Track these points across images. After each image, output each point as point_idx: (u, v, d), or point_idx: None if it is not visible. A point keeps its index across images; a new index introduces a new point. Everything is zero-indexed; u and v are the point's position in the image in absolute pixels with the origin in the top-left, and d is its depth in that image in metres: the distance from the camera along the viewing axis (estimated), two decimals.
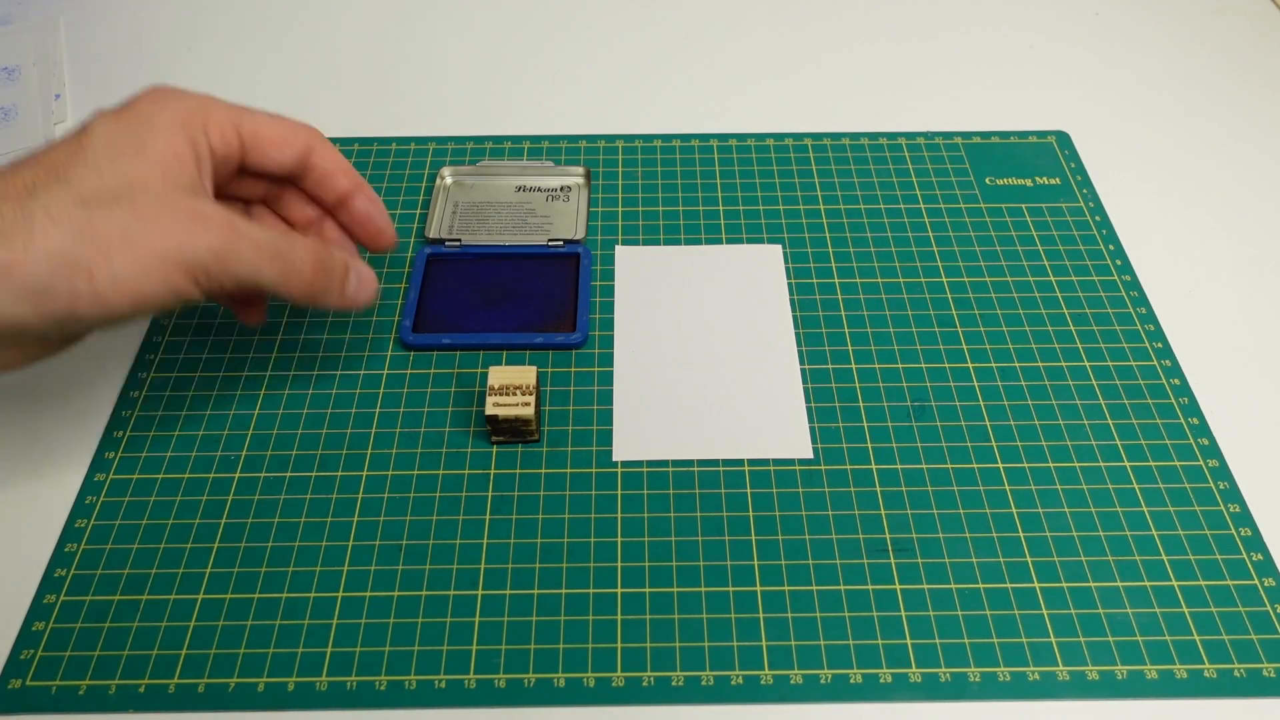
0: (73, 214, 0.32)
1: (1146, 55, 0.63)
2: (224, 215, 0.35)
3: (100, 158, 0.33)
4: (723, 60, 0.63)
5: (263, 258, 0.36)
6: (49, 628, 0.37)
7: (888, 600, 0.38)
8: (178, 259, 0.33)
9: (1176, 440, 0.43)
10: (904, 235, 0.51)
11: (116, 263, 0.33)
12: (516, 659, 0.36)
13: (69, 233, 0.32)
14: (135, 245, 0.33)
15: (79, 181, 0.33)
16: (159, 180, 0.34)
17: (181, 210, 0.34)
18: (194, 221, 0.34)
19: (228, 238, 0.35)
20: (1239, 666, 0.36)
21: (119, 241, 0.33)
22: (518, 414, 0.41)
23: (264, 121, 0.39)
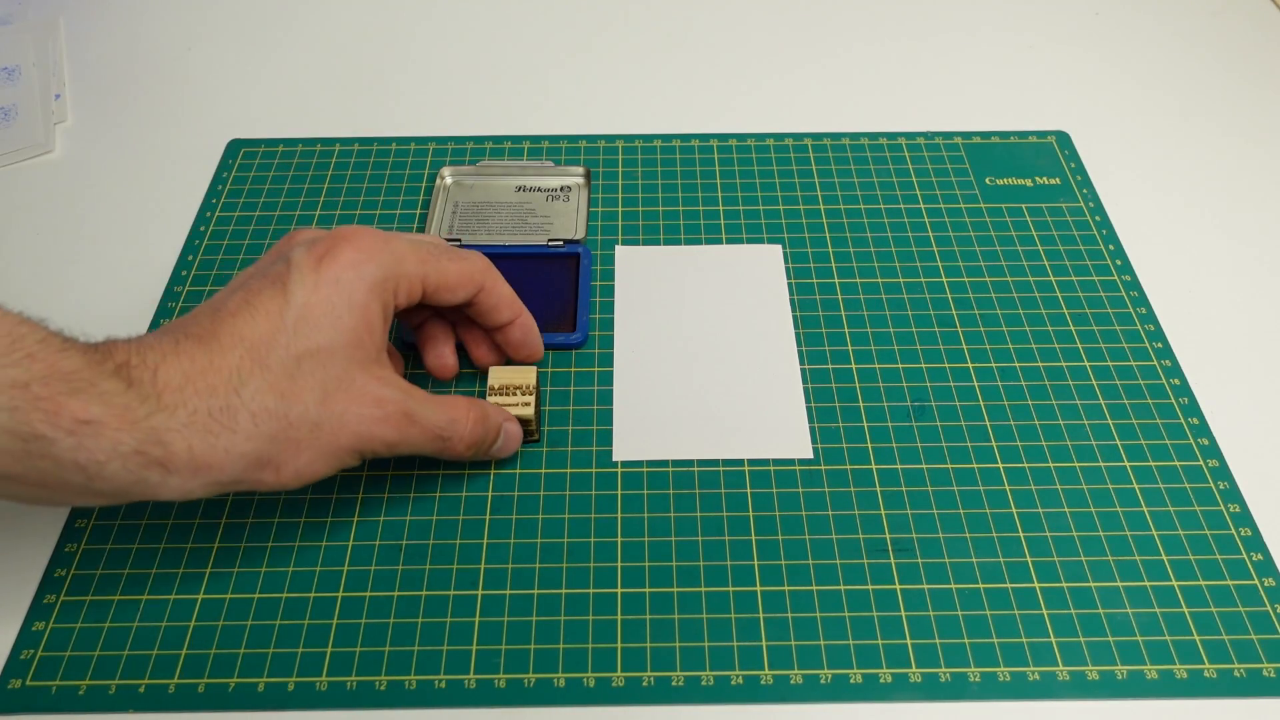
0: (273, 414, 0.33)
1: (1146, 55, 0.63)
2: (401, 402, 0.36)
3: (299, 336, 0.34)
4: (723, 60, 0.63)
5: (428, 441, 0.37)
6: (49, 628, 0.37)
7: (888, 600, 0.38)
8: (354, 448, 0.35)
9: (1176, 440, 0.43)
10: (904, 235, 0.51)
11: (303, 458, 0.34)
12: (516, 659, 0.36)
13: (268, 436, 0.33)
14: (321, 441, 0.34)
15: (279, 370, 0.34)
16: (348, 359, 0.35)
17: (366, 398, 0.35)
18: (376, 410, 0.35)
19: (401, 428, 0.36)
20: (1239, 666, 0.36)
21: (308, 440, 0.34)
22: (518, 414, 0.41)
23: (446, 268, 0.39)
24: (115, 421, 0.30)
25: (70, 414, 0.30)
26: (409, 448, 0.37)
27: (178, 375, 0.32)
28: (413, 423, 0.36)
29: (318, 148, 0.56)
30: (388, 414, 0.36)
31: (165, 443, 0.31)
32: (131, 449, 0.31)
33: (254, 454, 0.33)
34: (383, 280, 0.37)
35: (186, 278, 0.49)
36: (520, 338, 0.43)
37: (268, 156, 0.56)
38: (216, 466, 0.32)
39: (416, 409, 0.37)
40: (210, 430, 0.32)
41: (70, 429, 0.30)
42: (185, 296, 0.48)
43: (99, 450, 0.30)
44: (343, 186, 0.54)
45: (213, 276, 0.49)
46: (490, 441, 0.39)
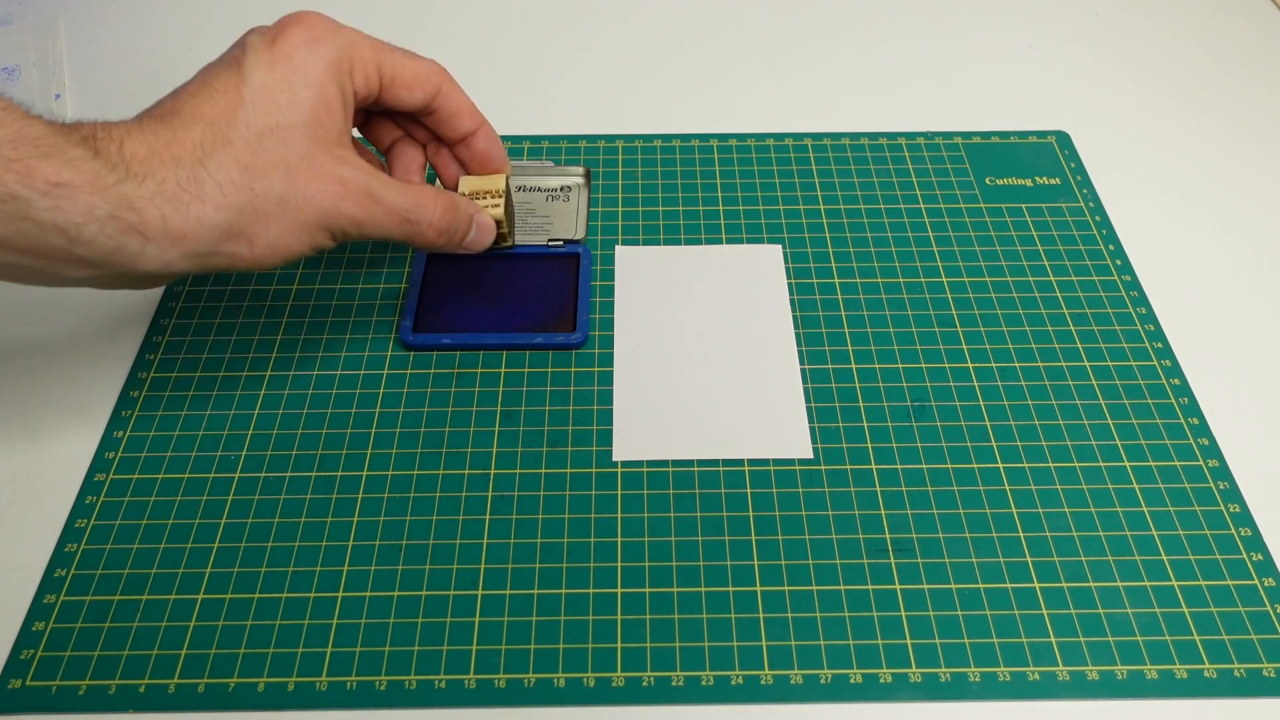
0: (239, 186, 0.35)
1: (1146, 55, 0.63)
2: (363, 181, 0.38)
3: (258, 112, 0.35)
4: (723, 61, 0.63)
5: (394, 221, 0.39)
6: (49, 628, 0.37)
7: (888, 600, 0.38)
8: (322, 224, 0.37)
9: (1176, 440, 0.43)
10: (904, 235, 0.51)
11: (273, 231, 0.36)
12: (516, 659, 0.36)
13: (236, 207, 0.35)
14: (288, 215, 0.36)
15: (241, 145, 0.35)
16: (308, 137, 0.36)
17: (329, 176, 0.37)
18: (339, 188, 0.37)
19: (366, 207, 0.37)
20: (1239, 666, 0.36)
21: (275, 212, 0.35)
22: (490, 215, 0.42)
23: (400, 61, 0.40)
24: (87, 186, 0.32)
25: (43, 176, 0.31)
26: (377, 228, 0.38)
27: (143, 148, 0.33)
28: (376, 201, 0.38)
29: None
30: (350, 191, 0.37)
31: (138, 209, 0.33)
32: (106, 213, 0.32)
33: (225, 224, 0.34)
34: (337, 60, 0.38)
35: (186, 278, 0.49)
36: (485, 148, 0.43)
37: None
38: (190, 236, 0.34)
39: (380, 189, 0.38)
40: (180, 199, 0.33)
41: (44, 190, 0.31)
42: (185, 297, 0.48)
43: (75, 212, 0.32)
44: None
45: (212, 277, 0.49)
46: (462, 231, 0.41)
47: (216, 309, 0.48)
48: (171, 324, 0.47)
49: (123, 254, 0.33)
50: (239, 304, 0.48)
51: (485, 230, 0.42)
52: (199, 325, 0.47)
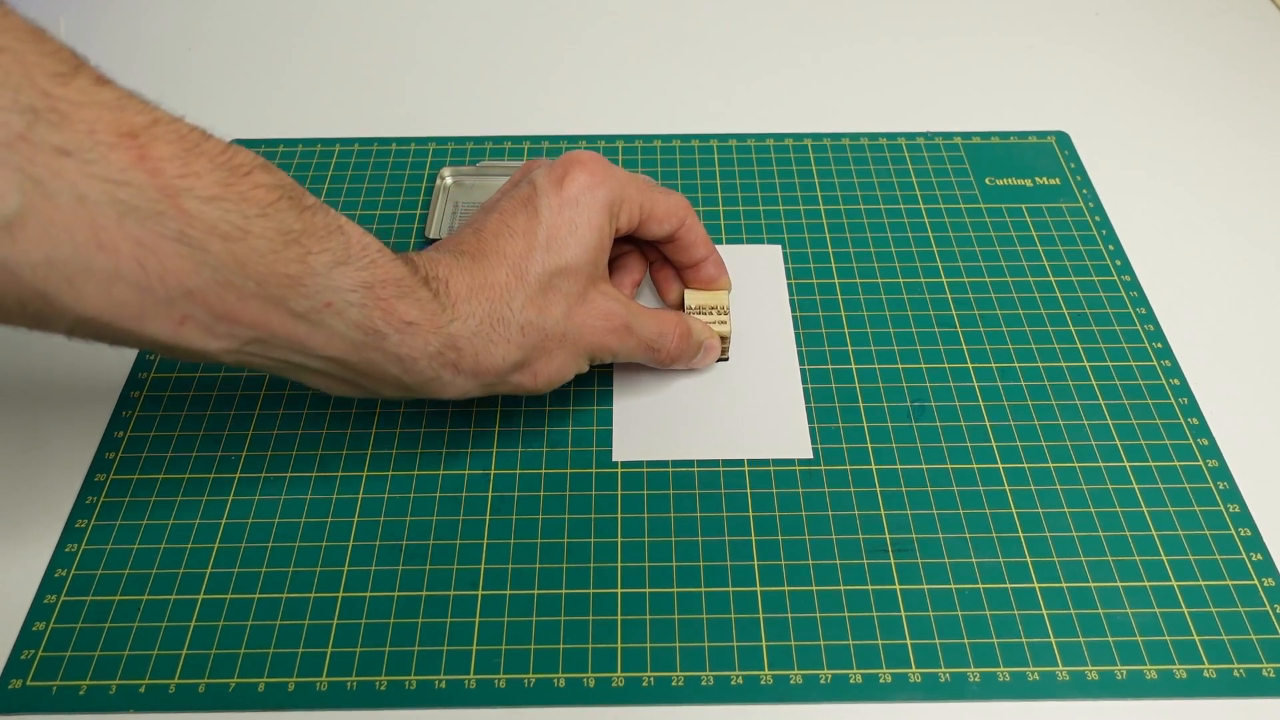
0: (535, 326, 0.38)
1: (1146, 55, 0.63)
2: (623, 315, 0.40)
3: (551, 254, 0.38)
4: (723, 61, 0.63)
5: (641, 350, 0.42)
6: (49, 628, 0.37)
7: (888, 600, 0.38)
8: (588, 353, 0.40)
9: (1176, 440, 0.43)
10: (904, 235, 0.51)
11: (552, 365, 0.39)
12: (516, 659, 0.36)
13: (530, 345, 0.38)
14: (567, 348, 0.39)
15: (535, 286, 0.38)
16: (585, 274, 0.39)
17: (600, 311, 0.40)
18: (605, 323, 0.40)
19: (623, 339, 0.40)
20: (1239, 666, 0.36)
21: (557, 349, 0.39)
22: (718, 331, 0.44)
23: (658, 198, 0.43)
24: (429, 324, 0.35)
25: (399, 315, 0.34)
26: (627, 355, 0.41)
27: (464, 288, 0.37)
28: (631, 333, 0.41)
29: (318, 148, 0.56)
30: (614, 326, 0.40)
31: (459, 348, 0.36)
32: (436, 349, 0.36)
33: (518, 360, 0.38)
34: (611, 203, 0.40)
35: None
36: (714, 273, 0.46)
37: (268, 157, 0.55)
38: (492, 370, 0.37)
39: (635, 321, 0.41)
40: (491, 339, 0.37)
41: (399, 328, 0.34)
42: None
43: (415, 348, 0.35)
44: (343, 186, 0.54)
45: None
46: (691, 354, 0.44)
47: None
48: None
49: (436, 384, 0.36)
50: None
51: (711, 353, 0.45)
52: None
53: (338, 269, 0.32)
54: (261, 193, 0.31)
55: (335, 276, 0.32)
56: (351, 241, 0.33)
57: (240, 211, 0.30)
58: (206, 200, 0.29)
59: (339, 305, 0.33)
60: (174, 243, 0.29)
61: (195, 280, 0.29)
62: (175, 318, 0.30)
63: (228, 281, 0.30)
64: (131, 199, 0.28)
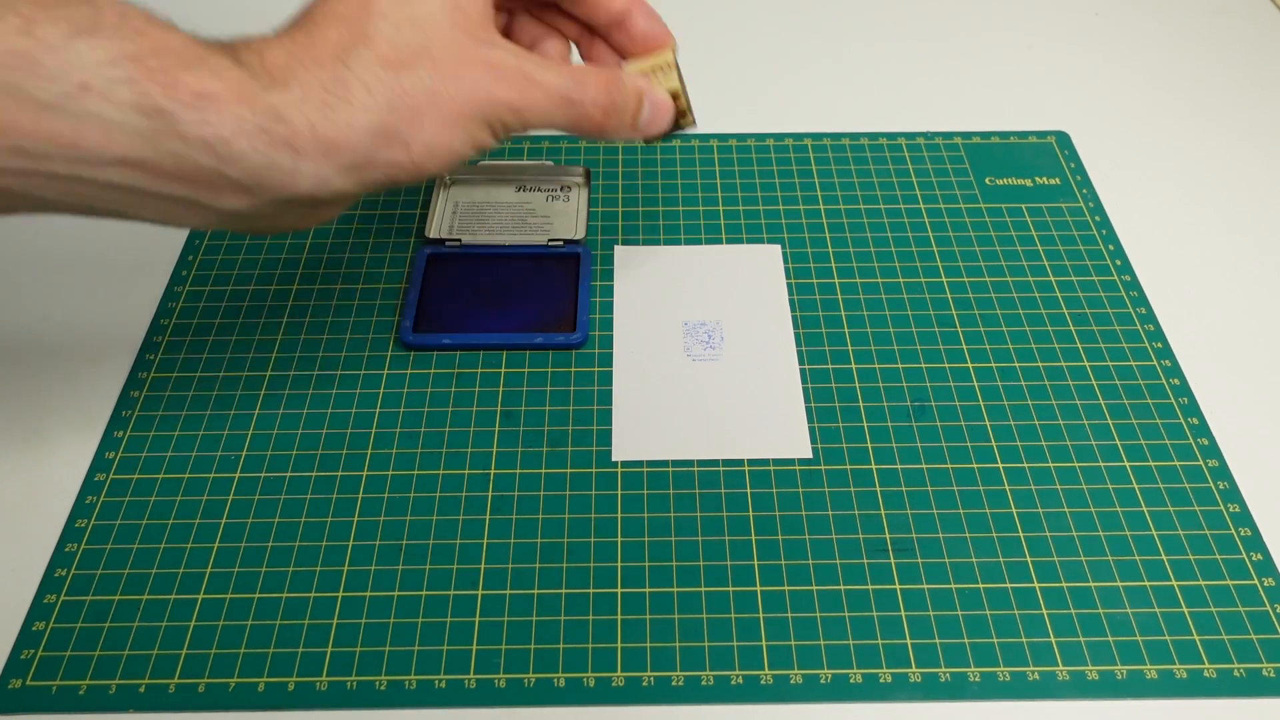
0: (384, 82, 0.32)
1: (1146, 55, 0.63)
2: (515, 63, 0.35)
3: (393, 3, 0.33)
4: (723, 61, 0.63)
5: (554, 104, 0.36)
6: (49, 627, 0.37)
7: (888, 600, 0.38)
8: (479, 116, 0.34)
9: (1176, 440, 0.43)
10: (904, 235, 0.51)
11: (428, 129, 0.33)
12: (516, 659, 0.36)
13: (384, 105, 0.32)
14: (442, 108, 0.33)
15: (379, 39, 0.33)
16: (449, 23, 0.34)
17: (477, 61, 0.34)
18: (490, 73, 0.34)
19: (522, 89, 0.35)
20: (1239, 666, 0.36)
21: (427, 107, 0.33)
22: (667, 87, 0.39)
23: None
24: (232, 96, 0.30)
25: (187, 86, 0.29)
26: (537, 114, 0.36)
27: (283, 55, 0.32)
28: (533, 83, 0.35)
29: None
30: (503, 74, 0.35)
31: (285, 119, 0.31)
32: (254, 125, 0.30)
33: (376, 125, 0.32)
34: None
35: (187, 278, 0.49)
36: (645, 27, 0.40)
37: None
38: (343, 143, 0.32)
39: (535, 70, 0.35)
40: (326, 104, 0.32)
41: (189, 102, 0.29)
42: (185, 297, 0.48)
43: (223, 125, 0.30)
44: None
45: (213, 276, 0.49)
46: (632, 109, 0.38)
47: (216, 309, 0.48)
48: (171, 324, 0.47)
49: (277, 172, 0.31)
50: (239, 304, 0.48)
51: (660, 107, 0.39)
52: (199, 325, 0.47)
53: (80, 40, 0.28)
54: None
55: (81, 50, 0.28)
56: (102, 9, 0.29)
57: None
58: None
59: (100, 85, 0.28)
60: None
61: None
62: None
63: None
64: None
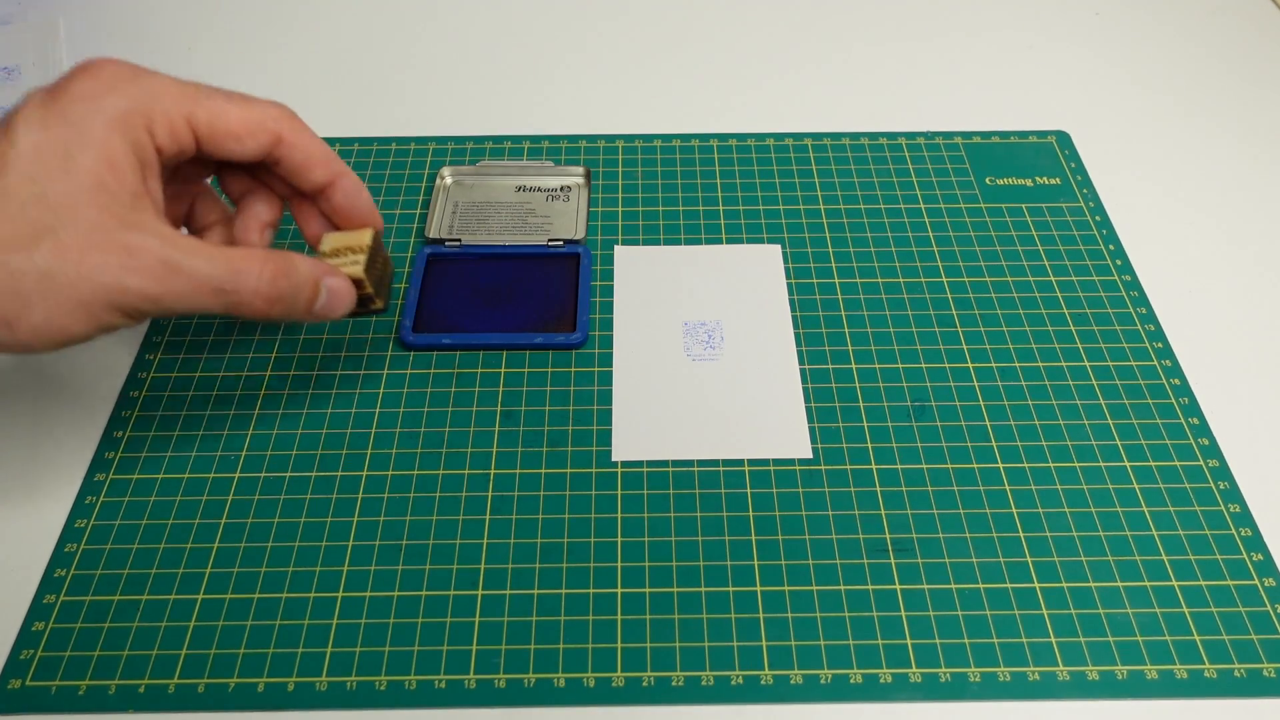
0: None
1: (1146, 55, 0.63)
2: (158, 249, 0.32)
3: (23, 182, 0.31)
4: (723, 60, 0.63)
5: (204, 294, 0.33)
6: (49, 628, 0.37)
7: (888, 600, 0.38)
8: (105, 303, 0.32)
9: (1176, 440, 0.43)
10: (904, 235, 0.51)
11: (36, 315, 0.31)
12: (516, 659, 0.36)
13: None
14: (57, 295, 0.31)
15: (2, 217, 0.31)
16: (88, 204, 0.32)
17: (112, 245, 0.32)
18: (126, 259, 0.32)
19: (160, 278, 0.32)
20: (1239, 666, 0.36)
21: (38, 293, 0.31)
22: (347, 273, 0.37)
23: (222, 108, 0.35)
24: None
25: None
26: (181, 303, 0.33)
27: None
28: (176, 272, 0.33)
29: None
30: (140, 263, 0.32)
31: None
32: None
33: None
34: (126, 114, 0.33)
35: None
36: (344, 202, 0.38)
37: None
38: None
39: (182, 258, 0.33)
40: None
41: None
42: None
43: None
44: None
45: None
46: (305, 297, 0.36)
47: None
48: (171, 324, 0.47)
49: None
50: None
51: (338, 295, 0.36)
52: (199, 325, 0.47)
53: None
54: None
55: None
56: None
57: None
58: None
59: None
60: None
61: None
62: None
63: None
64: None
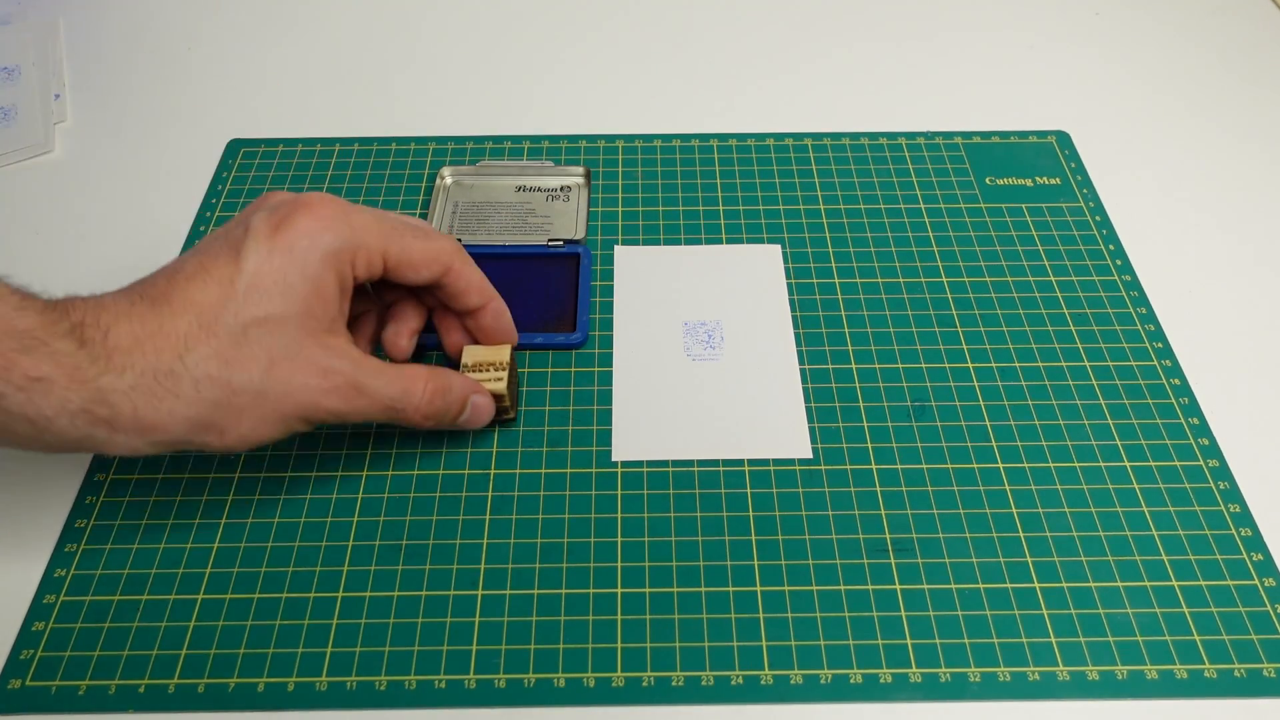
0: (215, 381, 0.34)
1: (1146, 55, 0.63)
2: (350, 373, 0.37)
3: (248, 304, 0.35)
4: (723, 60, 0.63)
5: (378, 411, 0.38)
6: (49, 628, 0.37)
7: (888, 600, 0.38)
8: (298, 416, 0.36)
9: (1176, 440, 0.43)
10: (904, 235, 0.51)
11: (245, 424, 0.35)
12: (516, 659, 0.36)
13: (210, 402, 0.34)
14: (263, 408, 0.35)
15: (225, 337, 0.34)
16: (297, 328, 0.35)
17: (313, 368, 0.36)
18: (321, 381, 0.36)
19: (348, 398, 0.37)
20: (1239, 666, 0.36)
21: (251, 406, 0.35)
22: (490, 389, 0.41)
23: (409, 245, 0.39)
24: (65, 380, 0.32)
25: (21, 371, 0.31)
26: (360, 417, 0.37)
27: (128, 338, 0.33)
28: (361, 394, 0.37)
29: (318, 148, 0.56)
30: (335, 385, 0.36)
31: (111, 404, 0.33)
32: (79, 407, 0.32)
33: (196, 418, 0.34)
34: (338, 251, 0.37)
35: None
36: (491, 324, 0.42)
37: (268, 156, 0.56)
38: (160, 428, 0.34)
39: (366, 380, 0.37)
40: (154, 394, 0.33)
41: (21, 385, 0.31)
42: None
43: (47, 406, 0.32)
44: (343, 187, 0.54)
45: None
46: (454, 413, 0.40)
47: None
48: None
49: (90, 442, 0.33)
50: None
51: (481, 410, 0.41)
52: None
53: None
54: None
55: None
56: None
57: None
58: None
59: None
60: None
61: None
62: None
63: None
64: None
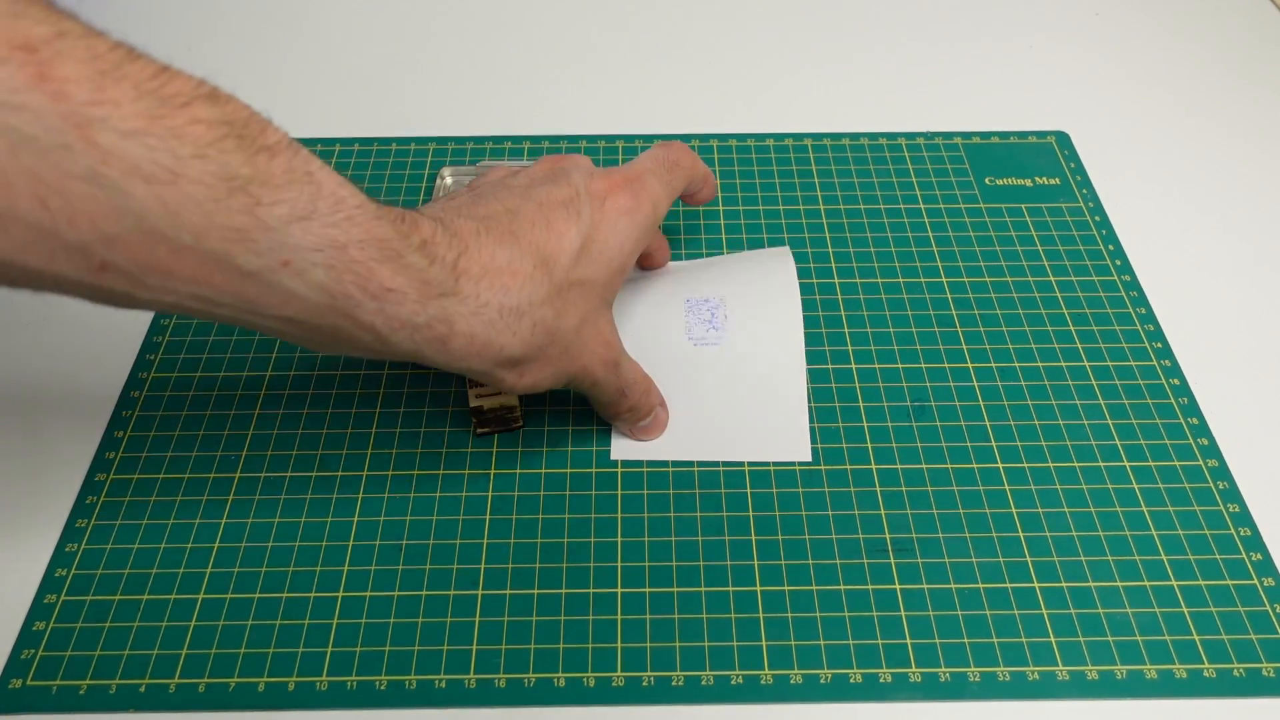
0: (548, 327, 0.35)
1: (1146, 55, 0.63)
2: (618, 348, 0.39)
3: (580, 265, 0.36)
4: (724, 61, 0.63)
5: (613, 390, 0.40)
6: (49, 627, 0.37)
7: (888, 600, 0.38)
8: (576, 374, 0.38)
9: (1176, 440, 0.43)
10: (904, 235, 0.51)
11: (542, 371, 0.36)
12: (516, 659, 0.36)
13: (535, 347, 0.35)
14: (563, 361, 0.37)
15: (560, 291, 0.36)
16: (600, 294, 0.38)
17: (601, 337, 0.38)
18: (604, 352, 0.38)
19: (610, 371, 0.39)
20: (1239, 666, 0.36)
21: (556, 358, 0.36)
22: (502, 402, 0.41)
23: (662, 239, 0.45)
24: (415, 294, 0.32)
25: (379, 280, 0.31)
26: (599, 390, 0.40)
27: (477, 266, 0.34)
28: (616, 370, 0.39)
29: (318, 148, 0.56)
30: (609, 357, 0.39)
31: (451, 323, 0.33)
32: (425, 321, 0.32)
33: (517, 355, 0.35)
34: (644, 234, 0.39)
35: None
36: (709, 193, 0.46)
37: None
38: (485, 358, 0.34)
39: (622, 359, 0.40)
40: (494, 325, 0.34)
41: (375, 294, 0.31)
42: None
43: (395, 318, 0.32)
44: None
45: None
46: (642, 415, 0.42)
47: None
48: (172, 324, 0.47)
49: (417, 356, 0.33)
50: None
51: (659, 423, 0.43)
52: (199, 325, 0.47)
53: (297, 224, 0.28)
54: (200, 129, 0.26)
55: (294, 233, 0.28)
56: (322, 192, 0.29)
57: (170, 150, 0.26)
58: (126, 135, 0.25)
59: (299, 265, 0.29)
60: (84, 182, 0.25)
61: (114, 226, 0.26)
62: (92, 264, 0.26)
63: (155, 230, 0.26)
64: (26, 126, 0.24)
